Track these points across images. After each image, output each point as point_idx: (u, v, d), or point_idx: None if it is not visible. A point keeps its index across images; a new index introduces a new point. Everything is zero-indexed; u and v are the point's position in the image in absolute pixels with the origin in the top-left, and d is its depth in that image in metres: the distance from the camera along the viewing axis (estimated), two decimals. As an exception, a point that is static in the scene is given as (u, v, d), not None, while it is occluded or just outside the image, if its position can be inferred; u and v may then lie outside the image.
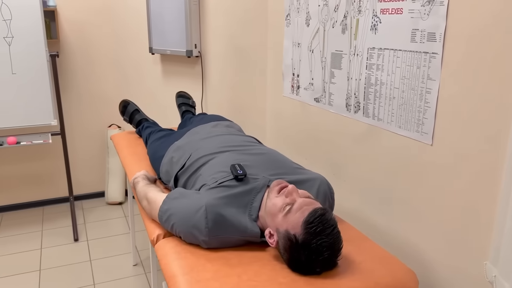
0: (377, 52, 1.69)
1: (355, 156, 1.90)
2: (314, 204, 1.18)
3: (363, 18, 1.74)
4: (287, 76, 2.43)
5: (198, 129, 1.81)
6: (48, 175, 3.33)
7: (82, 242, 2.84)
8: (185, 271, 1.18)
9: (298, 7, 2.21)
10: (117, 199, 3.39)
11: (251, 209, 1.32)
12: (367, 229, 1.86)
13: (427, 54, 1.45)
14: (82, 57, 3.21)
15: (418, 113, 1.52)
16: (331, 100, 2.03)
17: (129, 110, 2.36)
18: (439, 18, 1.39)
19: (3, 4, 2.62)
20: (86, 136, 3.38)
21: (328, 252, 1.13)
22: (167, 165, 1.67)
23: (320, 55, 2.07)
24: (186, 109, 2.42)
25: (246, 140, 1.62)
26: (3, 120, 2.71)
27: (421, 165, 1.53)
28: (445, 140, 1.42)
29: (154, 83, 3.07)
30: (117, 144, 2.30)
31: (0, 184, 3.20)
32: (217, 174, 1.40)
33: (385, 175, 1.72)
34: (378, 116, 1.72)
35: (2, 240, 2.84)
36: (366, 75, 1.76)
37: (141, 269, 2.54)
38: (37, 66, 2.74)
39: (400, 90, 1.58)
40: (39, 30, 2.70)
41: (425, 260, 1.54)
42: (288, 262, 1.19)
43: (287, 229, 1.17)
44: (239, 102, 2.75)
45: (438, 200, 1.47)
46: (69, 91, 3.24)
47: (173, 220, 1.31)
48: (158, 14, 2.76)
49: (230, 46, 2.67)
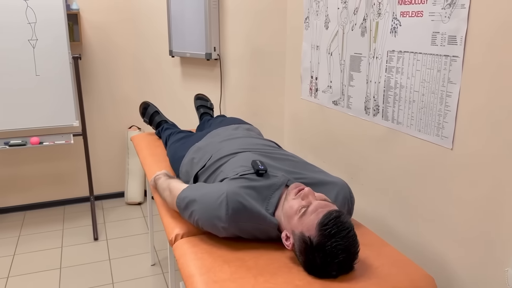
0: (396, 55, 1.67)
1: (373, 159, 1.89)
2: (330, 206, 1.18)
3: (383, 21, 1.73)
4: (305, 79, 2.43)
5: (219, 131, 1.83)
6: (69, 174, 3.39)
7: (101, 241, 2.88)
8: (202, 271, 1.19)
9: (317, 10, 2.21)
10: (136, 199, 3.43)
11: (268, 204, 1.33)
12: (385, 233, 1.84)
13: (448, 58, 1.44)
14: (103, 59, 3.27)
15: (438, 117, 1.50)
16: (349, 103, 2.02)
17: (149, 112, 2.40)
18: (460, 21, 1.38)
19: (28, 8, 2.69)
20: (107, 137, 3.44)
21: (343, 255, 1.12)
22: (187, 165, 1.69)
23: (339, 58, 2.07)
24: (204, 112, 2.44)
25: (266, 144, 1.64)
26: (26, 120, 2.78)
27: (441, 169, 1.51)
28: (465, 144, 1.40)
29: (174, 86, 3.11)
30: (137, 144, 2.34)
31: (22, 183, 3.28)
32: (238, 168, 1.42)
33: (404, 178, 1.70)
34: (397, 120, 1.70)
35: (25, 238, 2.91)
36: (386, 78, 1.74)
37: (159, 269, 2.57)
38: (60, 68, 2.80)
39: (420, 93, 1.57)
40: (62, 33, 2.76)
41: (445, 265, 1.52)
42: (304, 264, 1.19)
43: (302, 231, 1.17)
44: (257, 105, 2.76)
45: (458, 205, 1.45)
46: (90, 93, 3.30)
47: (193, 207, 1.33)
48: (178, 17, 2.80)
49: (249, 49, 2.68)
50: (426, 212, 1.60)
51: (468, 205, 1.40)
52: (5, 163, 3.19)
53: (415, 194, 1.64)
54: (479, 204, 1.36)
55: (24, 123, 2.78)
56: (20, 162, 3.23)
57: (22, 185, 3.28)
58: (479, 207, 1.36)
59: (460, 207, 1.44)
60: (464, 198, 1.42)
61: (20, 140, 2.83)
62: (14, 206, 3.30)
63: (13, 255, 2.70)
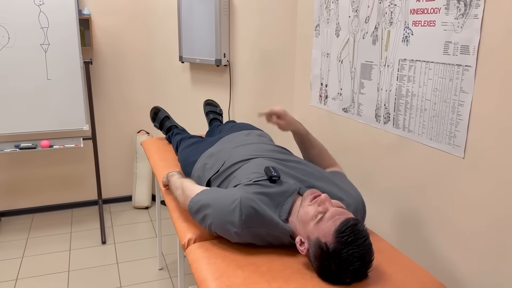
0: (408, 63, 1.69)
1: (384, 166, 1.90)
2: (347, 213, 1.19)
3: (395, 30, 1.74)
4: (315, 85, 2.44)
5: (231, 137, 1.85)
6: (77, 178, 3.41)
7: (109, 244, 2.90)
8: (216, 276, 1.21)
9: (328, 18, 2.23)
10: (143, 203, 3.45)
11: (281, 210, 1.34)
12: (396, 241, 1.85)
13: (460, 67, 1.45)
14: (113, 64, 3.30)
15: (450, 125, 1.51)
16: (360, 111, 2.03)
17: (159, 117, 2.42)
18: (473, 31, 1.39)
19: (41, 13, 2.73)
20: (115, 141, 3.46)
21: (358, 263, 1.13)
22: (199, 171, 1.71)
23: (349, 66, 2.08)
24: (213, 117, 2.46)
25: (278, 150, 1.65)
26: (37, 124, 2.81)
27: (453, 177, 1.52)
28: (477, 153, 1.41)
29: (183, 91, 3.13)
30: (147, 149, 2.35)
31: (31, 186, 3.30)
32: (251, 174, 1.43)
33: (415, 186, 1.71)
34: (408, 128, 1.71)
35: (33, 241, 2.93)
36: (397, 86, 1.76)
37: (166, 273, 2.58)
38: (71, 72, 2.83)
39: (432, 102, 1.58)
40: (74, 38, 2.80)
41: (456, 274, 1.52)
42: (318, 270, 1.20)
43: (318, 237, 1.18)
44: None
45: (470, 214, 1.45)
46: (100, 97, 3.33)
47: (206, 211, 1.34)
48: (188, 24, 2.83)
49: (258, 56, 2.70)
50: (437, 220, 1.60)
51: (480, 214, 1.41)
52: (15, 165, 3.22)
53: (426, 202, 1.65)
54: (491, 213, 1.37)
55: (35, 127, 2.81)
56: (29, 164, 3.26)
57: (31, 187, 3.31)
58: (491, 216, 1.37)
59: (472, 216, 1.44)
60: (476, 207, 1.42)
61: (30, 143, 2.86)
62: (22, 208, 3.32)
63: (22, 258, 2.71)
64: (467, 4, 1.40)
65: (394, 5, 1.73)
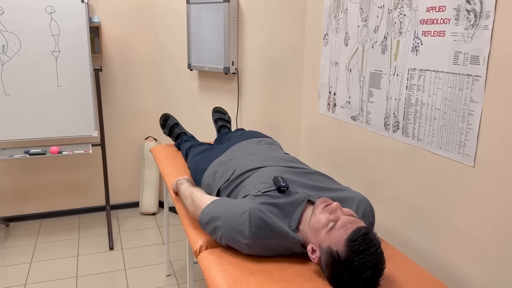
0: (418, 73, 1.70)
1: (392, 175, 1.91)
2: (358, 222, 1.20)
3: (404, 39, 1.76)
4: (323, 94, 2.46)
5: (241, 145, 1.86)
6: (85, 183, 3.44)
7: (117, 250, 2.91)
8: (229, 282, 1.22)
9: (337, 27, 2.26)
10: (150, 209, 3.47)
11: (291, 220, 1.35)
12: (405, 249, 1.85)
13: (470, 77, 1.46)
14: (122, 71, 3.34)
15: (460, 135, 1.52)
16: (368, 119, 2.04)
17: (169, 124, 2.44)
18: (483, 41, 1.41)
19: (52, 21, 2.76)
20: (123, 148, 3.48)
21: (370, 271, 1.14)
22: (209, 178, 1.72)
23: (358, 74, 2.10)
24: (222, 125, 2.48)
25: (287, 159, 1.66)
26: (47, 130, 2.84)
27: (462, 187, 1.53)
28: (487, 163, 1.42)
29: (191, 98, 3.16)
30: (157, 155, 2.37)
31: (40, 191, 3.33)
32: (260, 184, 1.44)
33: (424, 195, 1.72)
34: (418, 137, 1.73)
35: (41, 246, 2.95)
36: (406, 95, 1.77)
37: (174, 280, 2.58)
38: (81, 79, 2.86)
39: (442, 111, 1.59)
40: (84, 45, 2.83)
41: (466, 283, 1.53)
42: (329, 278, 1.20)
43: (329, 246, 1.19)
44: (273, 119, 2.79)
45: (479, 223, 1.46)
46: (109, 104, 3.36)
47: (216, 223, 1.36)
48: (197, 32, 2.85)
49: (267, 64, 2.72)
50: (446, 229, 1.61)
51: (490, 223, 1.41)
52: (24, 171, 3.25)
53: (436, 211, 1.66)
54: (501, 223, 1.37)
55: (45, 133, 2.84)
56: (38, 170, 3.28)
57: (39, 193, 3.33)
58: (501, 225, 1.37)
59: (482, 225, 1.45)
60: (486, 216, 1.43)
61: (40, 149, 2.88)
62: (31, 214, 3.35)
63: (30, 263, 2.73)
64: (477, 15, 1.42)
65: (404, 15, 1.75)
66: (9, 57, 2.72)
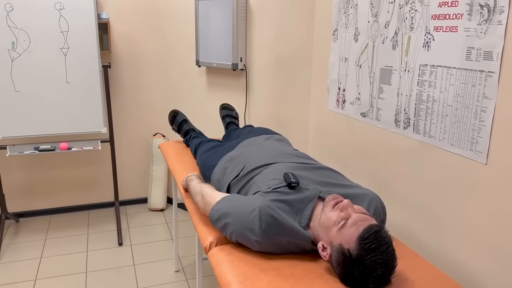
0: (429, 69, 1.68)
1: (403, 172, 1.89)
2: (369, 220, 1.19)
3: (415, 35, 1.74)
4: (332, 90, 2.45)
5: (251, 141, 1.86)
6: (94, 180, 3.45)
7: (126, 246, 2.92)
8: (240, 279, 1.21)
9: (347, 23, 2.24)
10: (159, 205, 3.48)
11: (302, 217, 1.34)
12: (415, 246, 1.84)
13: (483, 73, 1.45)
14: (131, 67, 3.34)
15: (472, 131, 1.50)
16: (378, 116, 2.03)
17: (178, 120, 2.44)
18: (496, 37, 1.39)
19: (61, 17, 2.77)
20: (132, 144, 3.49)
21: (382, 269, 1.13)
22: (219, 174, 1.72)
23: (368, 71, 2.08)
24: (230, 121, 2.47)
25: (298, 155, 1.65)
26: (56, 126, 2.85)
27: (474, 184, 1.51)
28: (500, 160, 1.40)
29: (200, 95, 3.15)
30: (165, 152, 2.38)
31: (49, 187, 3.35)
32: (271, 181, 1.44)
33: (435, 192, 1.71)
34: (429, 133, 1.71)
35: (51, 242, 2.97)
36: (418, 91, 1.76)
37: (182, 276, 2.59)
38: (90, 76, 2.87)
39: (454, 108, 1.58)
40: (93, 42, 2.84)
41: (478, 282, 1.51)
42: (340, 276, 1.20)
43: (341, 243, 1.18)
44: (282, 115, 2.78)
45: (491, 220, 1.44)
46: (118, 100, 3.37)
47: (226, 219, 1.35)
48: (205, 28, 2.85)
49: (275, 60, 2.71)
50: (458, 226, 1.59)
51: (502, 221, 1.40)
52: (33, 167, 3.27)
53: (446, 207, 1.64)
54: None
55: (54, 129, 2.85)
56: (47, 167, 3.31)
57: (48, 189, 3.35)
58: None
59: (494, 223, 1.43)
60: (499, 213, 1.41)
61: (49, 145, 2.90)
62: (40, 209, 3.37)
63: (40, 258, 2.75)
64: (490, 10, 1.40)
65: (415, 10, 1.73)
66: (19, 54, 2.73)
